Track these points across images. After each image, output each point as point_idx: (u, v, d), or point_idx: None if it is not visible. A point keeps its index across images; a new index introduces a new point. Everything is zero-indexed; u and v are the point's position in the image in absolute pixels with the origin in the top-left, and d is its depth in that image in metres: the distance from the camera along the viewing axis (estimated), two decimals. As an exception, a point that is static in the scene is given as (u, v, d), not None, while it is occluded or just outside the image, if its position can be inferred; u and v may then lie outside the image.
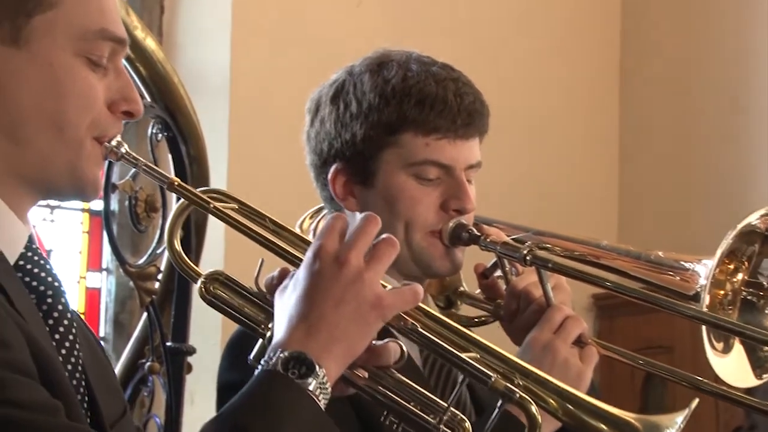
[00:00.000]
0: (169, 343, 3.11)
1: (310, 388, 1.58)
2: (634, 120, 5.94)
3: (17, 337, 1.44)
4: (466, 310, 2.44)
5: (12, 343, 1.43)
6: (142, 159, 1.73)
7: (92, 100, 1.62)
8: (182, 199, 1.78)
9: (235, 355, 2.22)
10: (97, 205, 4.75)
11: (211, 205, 1.75)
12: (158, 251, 3.07)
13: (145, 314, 3.18)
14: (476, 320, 2.39)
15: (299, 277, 1.65)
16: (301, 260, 1.68)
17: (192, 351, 3.17)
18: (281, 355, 1.59)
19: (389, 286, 1.67)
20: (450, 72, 2.29)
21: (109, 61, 1.64)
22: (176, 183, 1.75)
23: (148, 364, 3.13)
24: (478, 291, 2.41)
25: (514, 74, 5.56)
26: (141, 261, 3.11)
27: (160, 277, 3.13)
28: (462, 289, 2.43)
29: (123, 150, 1.68)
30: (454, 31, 5.36)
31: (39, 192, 1.64)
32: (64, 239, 4.98)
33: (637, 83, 5.96)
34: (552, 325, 2.23)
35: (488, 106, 2.31)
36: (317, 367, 1.58)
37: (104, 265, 5.07)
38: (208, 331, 4.40)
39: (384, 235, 1.67)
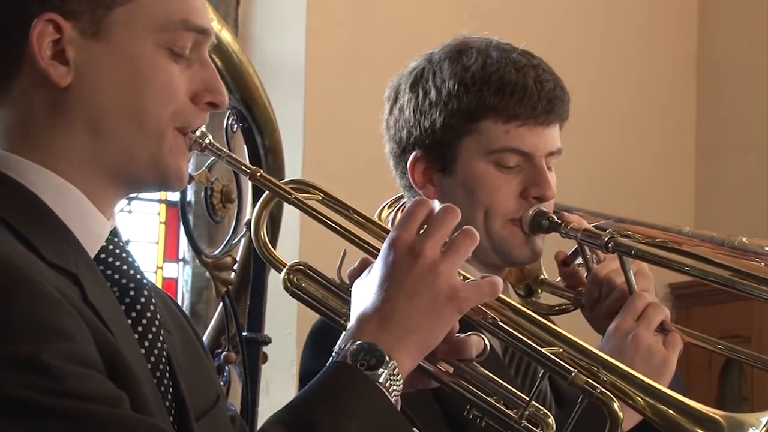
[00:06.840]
0: (244, 333, 3.12)
1: (380, 380, 1.56)
2: (711, 109, 5.90)
3: (80, 329, 1.43)
4: (546, 298, 2.42)
5: (74, 334, 1.41)
6: (225, 150, 1.73)
7: (173, 91, 1.61)
8: (266, 191, 1.78)
9: (318, 344, 2.21)
10: (174, 196, 4.80)
11: (293, 196, 1.74)
12: (234, 241, 3.07)
13: (221, 304, 3.19)
14: (557, 308, 2.37)
15: (375, 268, 1.64)
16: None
17: (268, 341, 3.17)
18: (351, 346, 1.57)
19: (470, 278, 1.65)
20: (530, 59, 2.27)
21: (192, 51, 1.64)
22: (259, 174, 1.75)
23: (224, 353, 3.14)
24: (559, 279, 2.39)
25: (592, 64, 5.52)
26: (217, 251, 3.10)
27: (236, 267, 3.14)
28: (542, 277, 2.41)
29: (207, 141, 1.67)
30: (533, 22, 5.32)
31: (123, 185, 1.63)
32: (141, 230, 5.02)
33: (714, 74, 5.91)
34: (634, 312, 2.19)
35: (569, 93, 2.29)
36: (387, 358, 1.56)
37: (180, 256, 5.10)
38: (284, 321, 4.42)
39: (464, 227, 1.65)
